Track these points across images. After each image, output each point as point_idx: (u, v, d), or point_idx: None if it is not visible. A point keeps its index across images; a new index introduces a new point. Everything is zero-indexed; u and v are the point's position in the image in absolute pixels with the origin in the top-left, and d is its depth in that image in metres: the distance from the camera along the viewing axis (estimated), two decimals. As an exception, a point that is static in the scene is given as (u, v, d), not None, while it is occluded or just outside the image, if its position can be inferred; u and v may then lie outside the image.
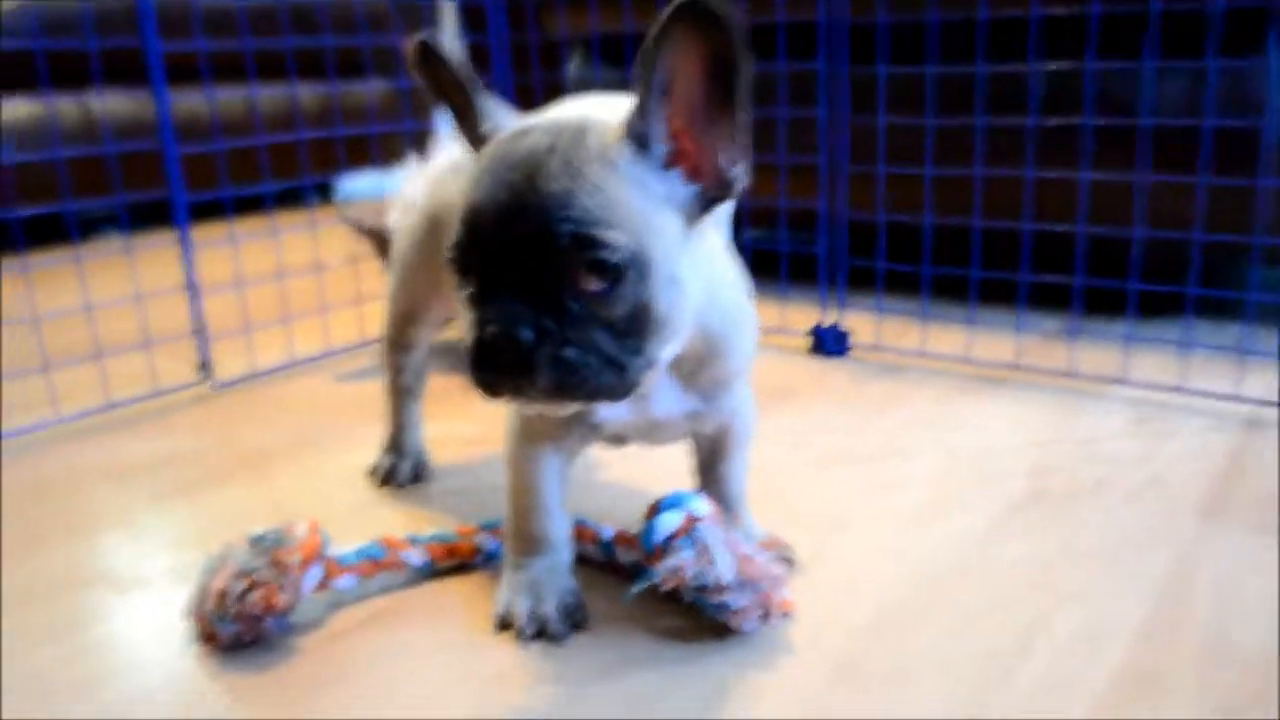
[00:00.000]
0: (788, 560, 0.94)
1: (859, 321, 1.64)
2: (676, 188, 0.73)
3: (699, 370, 0.83)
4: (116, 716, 0.79)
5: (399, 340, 1.18)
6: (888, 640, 0.84)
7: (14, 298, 1.44)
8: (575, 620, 0.88)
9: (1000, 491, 1.11)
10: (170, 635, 0.89)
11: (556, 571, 0.90)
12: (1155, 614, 0.87)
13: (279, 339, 1.68)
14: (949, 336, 1.60)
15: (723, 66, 0.69)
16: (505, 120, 0.79)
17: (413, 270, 1.14)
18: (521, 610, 0.87)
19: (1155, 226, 1.38)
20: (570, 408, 0.76)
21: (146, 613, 0.94)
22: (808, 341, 1.65)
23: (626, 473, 1.19)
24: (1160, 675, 0.79)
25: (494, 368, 0.70)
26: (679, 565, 0.83)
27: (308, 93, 2.61)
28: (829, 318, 1.63)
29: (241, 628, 0.85)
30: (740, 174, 0.74)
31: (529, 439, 0.89)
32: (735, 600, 0.83)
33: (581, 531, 0.97)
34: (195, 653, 0.87)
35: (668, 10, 0.67)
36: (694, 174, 0.74)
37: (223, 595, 0.85)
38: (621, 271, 0.69)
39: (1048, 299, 1.59)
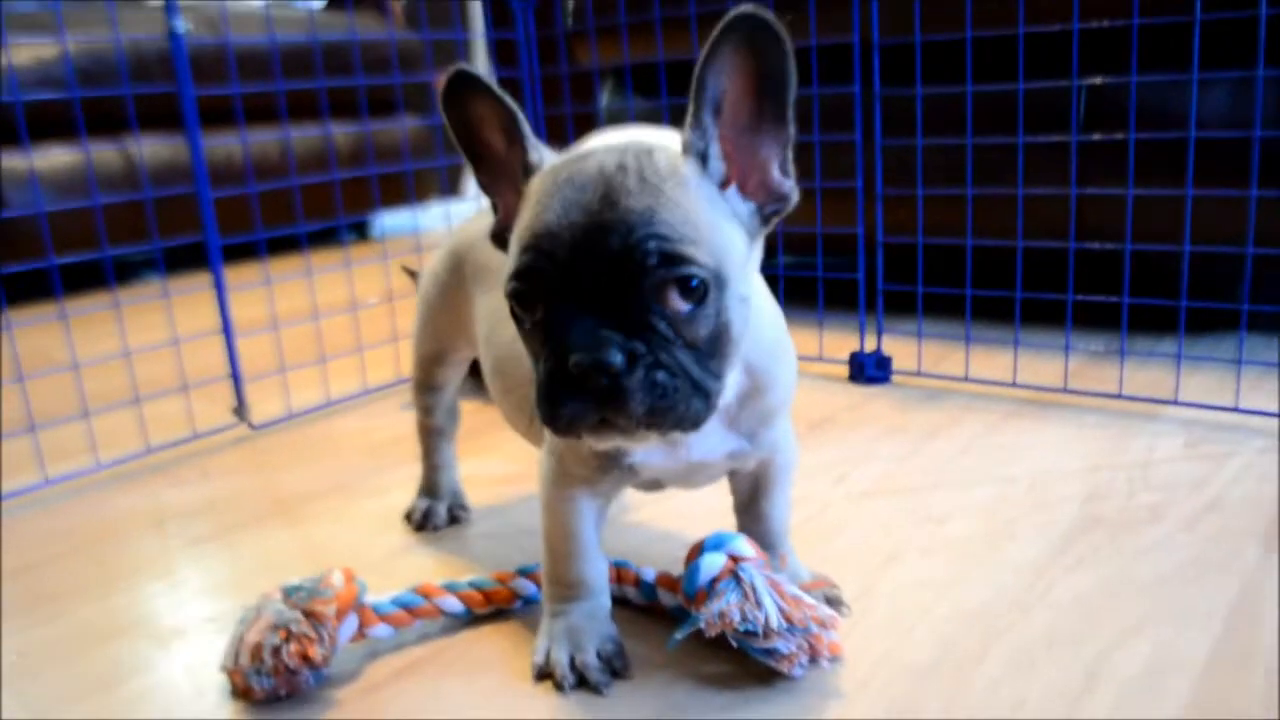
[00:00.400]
0: (835, 600, 0.91)
1: (898, 347, 1.61)
2: (737, 204, 0.73)
3: (742, 407, 0.81)
4: (151, 776, 0.77)
5: (426, 382, 1.17)
6: (944, 682, 0.81)
7: (54, 344, 1.44)
8: (616, 668, 0.85)
9: (1054, 521, 1.08)
10: (208, 689, 0.88)
11: (596, 618, 0.88)
12: (1221, 646, 0.83)
13: (315, 379, 1.68)
14: (993, 360, 1.57)
15: (772, 80, 0.70)
16: (548, 153, 0.77)
17: (436, 311, 1.12)
18: (561, 659, 0.84)
19: (1204, 242, 1.34)
20: (645, 440, 0.73)
21: (184, 664, 0.92)
22: (846, 369, 1.62)
23: (666, 512, 1.17)
24: (1230, 710, 0.75)
25: (582, 398, 0.67)
26: (724, 610, 0.80)
27: (341, 132, 2.63)
28: (868, 344, 1.60)
29: (277, 681, 0.83)
30: (792, 188, 0.74)
31: (564, 483, 0.86)
32: (783, 645, 0.80)
33: (622, 574, 0.94)
34: (232, 707, 0.85)
35: (719, 26, 0.67)
36: (748, 190, 0.74)
37: (258, 649, 0.83)
38: (706, 289, 0.68)
39: (1093, 318, 1.55)
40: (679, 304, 0.68)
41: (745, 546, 0.85)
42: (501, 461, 1.36)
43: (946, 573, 0.98)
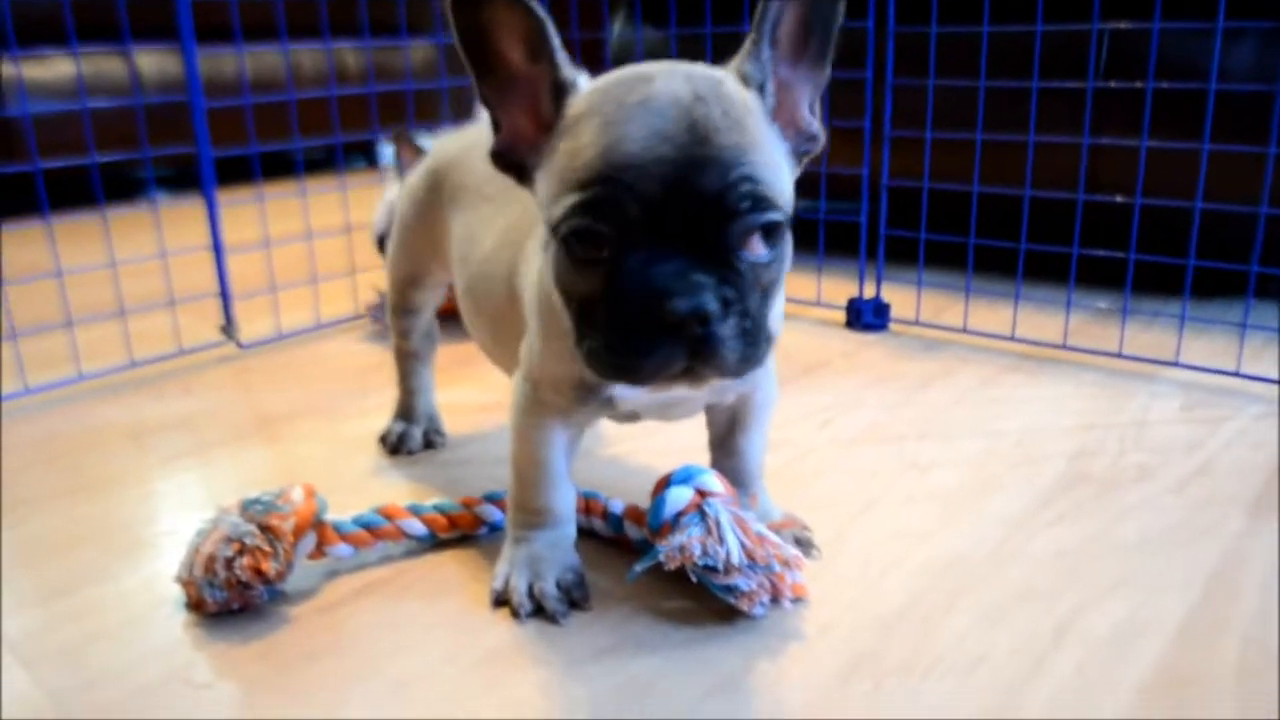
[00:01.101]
0: (805, 542, 0.89)
1: (898, 296, 1.58)
2: (781, 141, 0.70)
3: None
4: (96, 684, 0.76)
5: (402, 305, 1.14)
6: (909, 631, 0.79)
7: (41, 256, 1.42)
8: (574, 599, 0.83)
9: (1039, 476, 1.05)
10: (164, 600, 0.86)
11: (559, 547, 0.86)
12: (1197, 612, 0.81)
13: (306, 301, 1.66)
14: (993, 313, 1.53)
15: (822, 17, 0.68)
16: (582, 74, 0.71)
17: (413, 232, 1.09)
18: (520, 586, 0.83)
19: (1218, 200, 1.30)
20: (712, 385, 0.71)
21: (144, 576, 0.91)
22: (844, 316, 1.59)
23: (642, 447, 1.15)
24: (1198, 678, 0.73)
25: (671, 345, 0.62)
26: (685, 543, 0.78)
27: (345, 54, 2.58)
28: (867, 290, 1.57)
29: (230, 594, 0.82)
30: (820, 128, 0.72)
31: (537, 411, 0.83)
32: (744, 582, 0.78)
33: (591, 505, 0.92)
34: (185, 620, 0.84)
35: None
36: (785, 128, 0.70)
37: (211, 560, 0.82)
38: (783, 233, 0.66)
39: (1099, 276, 1.51)
40: (760, 249, 0.65)
41: (714, 482, 0.83)
42: (479, 390, 1.34)
43: (924, 523, 0.96)
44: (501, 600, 0.84)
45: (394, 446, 1.15)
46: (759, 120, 0.67)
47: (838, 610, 0.82)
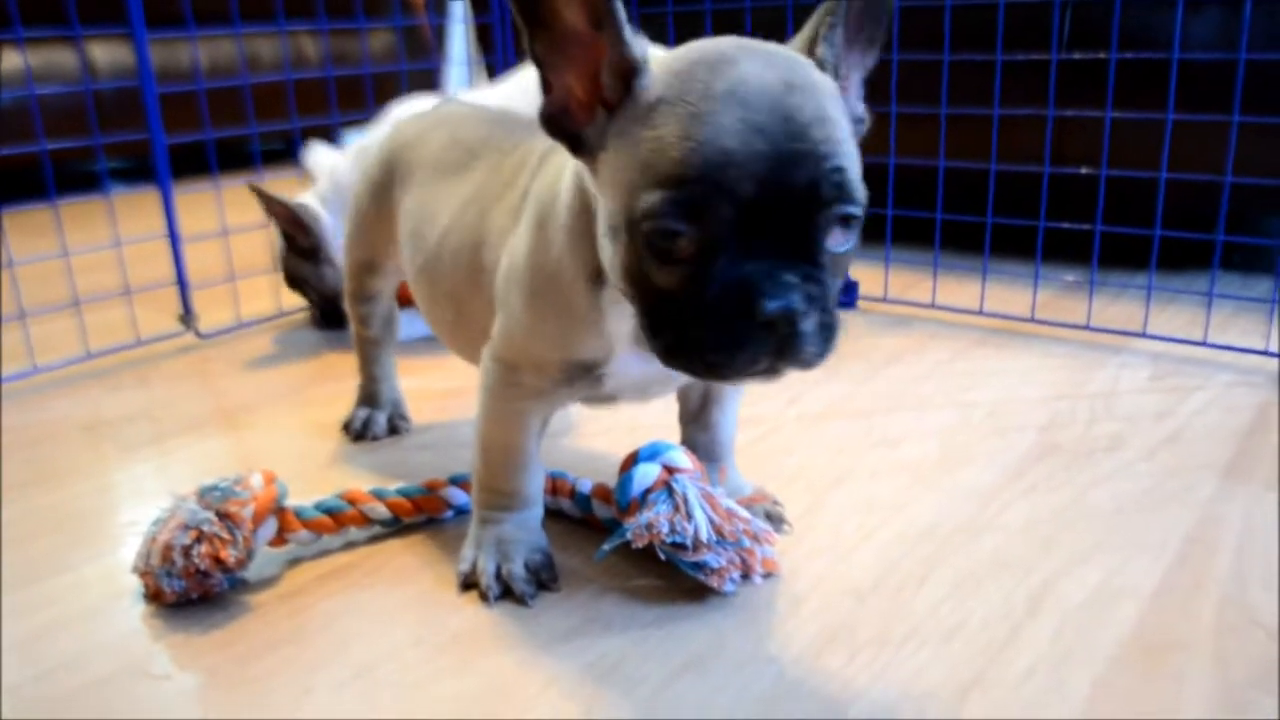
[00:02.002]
0: (776, 517, 0.87)
1: (865, 274, 1.57)
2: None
3: None
4: (50, 677, 0.74)
5: (360, 292, 1.12)
6: (883, 603, 0.78)
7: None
8: (543, 580, 0.81)
9: (1011, 447, 1.05)
10: (123, 592, 0.84)
11: (526, 528, 0.84)
12: (1171, 577, 0.81)
13: (266, 289, 1.63)
14: (961, 289, 1.53)
15: (874, 14, 0.67)
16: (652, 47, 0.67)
17: (368, 216, 1.06)
18: (488, 568, 0.81)
19: (1183, 170, 1.30)
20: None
21: (102, 568, 0.89)
22: (814, 293, 1.58)
23: (607, 425, 1.13)
24: (1175, 642, 0.73)
25: (759, 343, 0.61)
26: (652, 520, 0.76)
27: (303, 39, 2.54)
28: (836, 268, 1.56)
29: (188, 584, 0.80)
30: (865, 111, 0.70)
31: (512, 394, 0.81)
32: (713, 559, 0.77)
33: (558, 485, 0.91)
34: (144, 611, 0.81)
35: None
36: None
37: (168, 549, 0.79)
38: (857, 228, 0.63)
39: (1066, 250, 1.51)
40: (840, 240, 0.62)
41: (681, 458, 0.82)
42: (444, 376, 1.32)
43: (895, 495, 0.95)
44: (469, 583, 0.82)
45: (358, 433, 1.13)
46: (840, 107, 0.64)
47: (810, 584, 0.81)
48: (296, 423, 1.20)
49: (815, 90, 0.62)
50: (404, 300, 1.20)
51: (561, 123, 0.66)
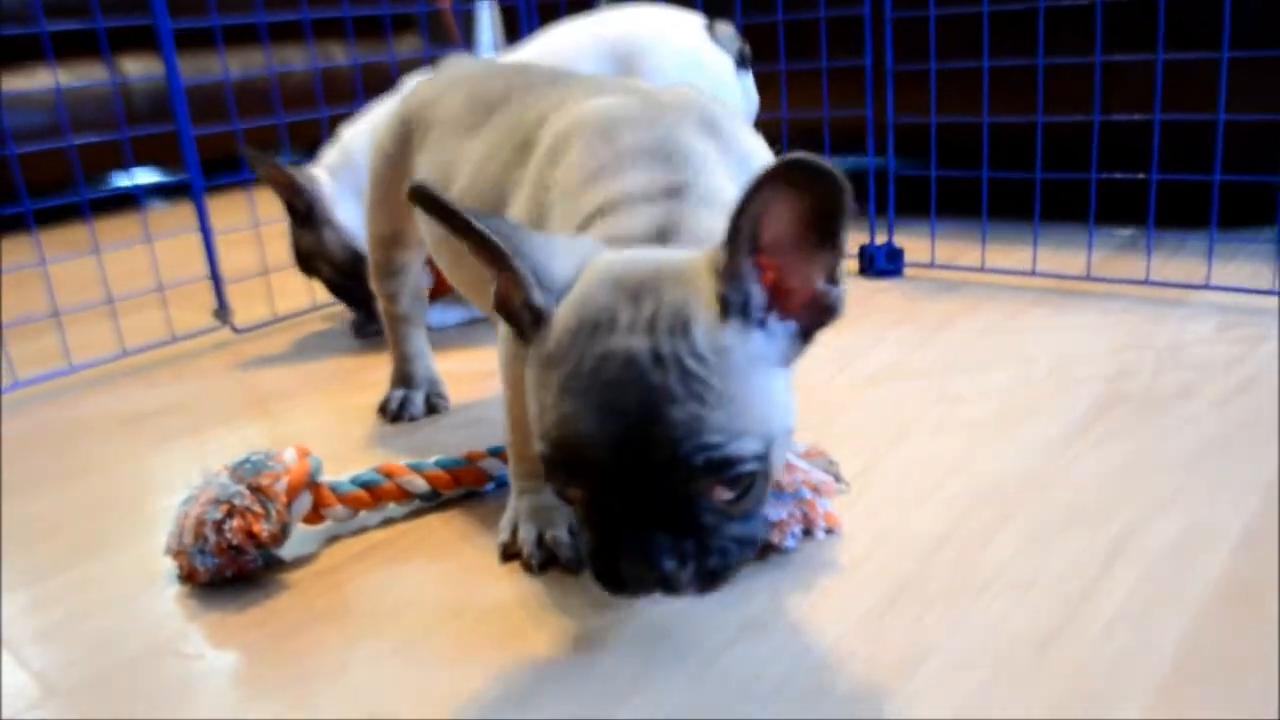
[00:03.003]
0: (832, 473, 0.83)
1: (910, 243, 1.51)
2: (778, 336, 0.61)
3: None
4: (83, 660, 0.71)
5: (386, 266, 1.09)
6: (953, 557, 0.73)
7: (25, 252, 1.38)
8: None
9: (1077, 400, 0.99)
10: (156, 575, 0.81)
11: None
12: (1258, 522, 0.75)
13: (300, 284, 1.60)
14: (1010, 253, 1.47)
15: (826, 217, 0.58)
16: (555, 256, 0.63)
17: (389, 186, 1.02)
18: (529, 536, 0.77)
19: (1241, 112, 1.23)
20: None
21: (135, 553, 0.86)
22: (855, 264, 1.53)
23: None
24: (1263, 586, 0.67)
25: (635, 591, 0.61)
26: None
27: (337, 55, 2.52)
28: (878, 236, 1.51)
29: (221, 561, 0.77)
30: (839, 297, 0.62)
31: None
32: (774, 512, 0.72)
33: None
34: (177, 593, 0.78)
35: (764, 173, 0.55)
36: (790, 310, 0.61)
37: (200, 525, 0.76)
38: (755, 477, 0.60)
39: (1118, 208, 1.45)
40: (726, 495, 0.59)
41: None
42: (482, 359, 1.29)
43: (959, 450, 0.90)
44: (510, 554, 0.78)
45: (395, 414, 1.10)
46: (731, 364, 0.58)
47: (872, 541, 0.76)
48: (333, 409, 1.17)
49: (690, 358, 0.57)
50: (436, 292, 1.17)
51: (506, 310, 0.65)
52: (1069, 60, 1.33)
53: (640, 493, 0.58)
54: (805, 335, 0.63)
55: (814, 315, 0.62)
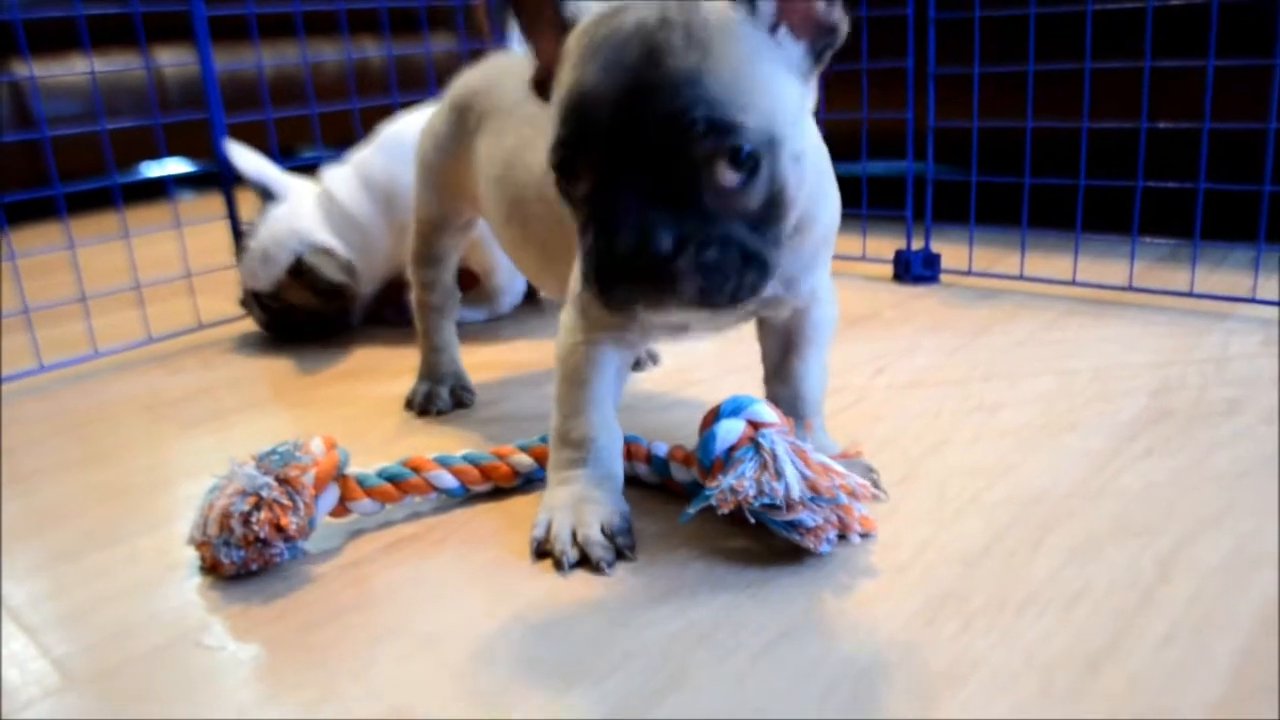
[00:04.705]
0: (870, 479, 0.81)
1: (947, 249, 1.49)
2: (789, 48, 0.65)
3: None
4: (101, 648, 0.69)
5: (426, 252, 1.09)
6: (996, 568, 0.71)
7: (55, 237, 1.37)
8: (619, 547, 0.75)
9: (1120, 412, 0.97)
10: (178, 564, 0.80)
11: (604, 488, 0.78)
12: (1316, 542, 0.73)
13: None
14: (1049, 262, 1.45)
15: None
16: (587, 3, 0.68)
17: (437, 171, 1.04)
18: (562, 533, 0.75)
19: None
20: (701, 313, 0.69)
21: (155, 540, 0.85)
22: (891, 270, 1.50)
23: (690, 394, 1.07)
24: (1331, 609, 0.65)
25: (630, 281, 0.61)
26: (737, 484, 0.71)
27: (369, 49, 2.51)
28: (915, 241, 1.49)
29: (248, 553, 0.75)
30: (841, 17, 0.66)
31: (587, 330, 0.79)
32: (809, 517, 0.70)
33: (633, 450, 0.85)
34: (198, 583, 0.77)
35: None
36: (795, 28, 0.66)
37: (226, 516, 0.75)
38: (758, 160, 0.61)
39: (1161, 220, 1.42)
40: (729, 176, 0.60)
41: (767, 411, 0.76)
42: (510, 350, 1.27)
43: (999, 459, 0.88)
44: (543, 551, 0.76)
45: (421, 407, 1.09)
46: (736, 37, 0.62)
47: (913, 549, 0.74)
48: (360, 399, 1.15)
49: (696, 24, 0.61)
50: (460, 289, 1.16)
51: (543, 86, 0.70)
52: (1116, 65, 1.30)
53: (643, 160, 0.60)
54: (816, 56, 0.67)
55: (818, 33, 0.66)
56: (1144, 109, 1.28)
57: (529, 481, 0.87)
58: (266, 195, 1.38)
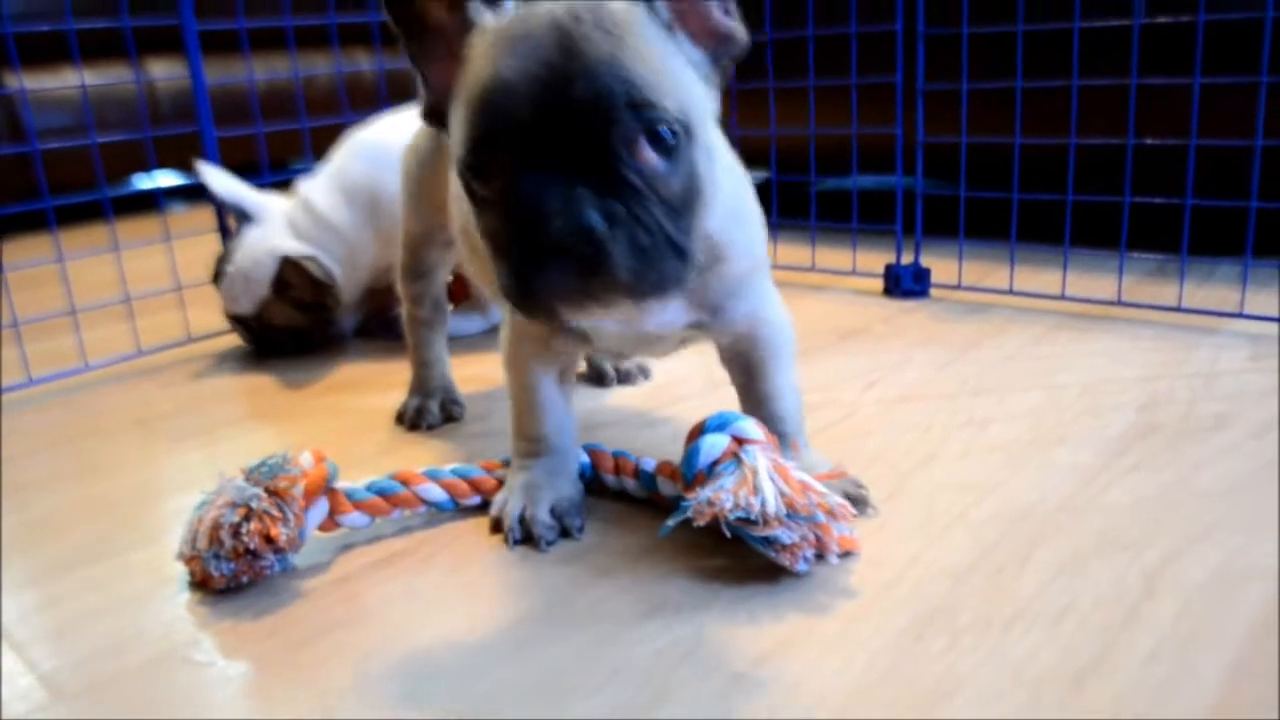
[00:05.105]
0: (860, 500, 0.81)
1: (937, 264, 1.50)
2: (689, 51, 0.67)
3: (699, 278, 0.71)
4: (89, 663, 0.69)
5: (414, 266, 1.11)
6: (983, 584, 0.71)
7: (45, 249, 1.37)
8: (566, 526, 0.80)
9: (1108, 427, 0.97)
10: (169, 578, 0.80)
11: (557, 474, 0.84)
12: (1301, 556, 0.73)
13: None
14: (1038, 277, 1.45)
15: None
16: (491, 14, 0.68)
17: (420, 184, 1.06)
18: (512, 512, 0.81)
19: (1278, 137, 1.21)
20: (622, 311, 0.69)
21: (145, 554, 0.84)
22: (881, 284, 1.51)
23: (676, 410, 1.07)
24: (1317, 624, 0.65)
25: (560, 268, 0.60)
26: (714, 496, 0.71)
27: (361, 62, 2.52)
28: (905, 256, 1.49)
29: (238, 566, 0.75)
30: (737, 27, 0.68)
31: (522, 343, 0.83)
32: (785, 534, 0.71)
33: (621, 465, 0.86)
34: (188, 599, 0.77)
35: None
36: (696, 35, 0.68)
37: (216, 530, 0.75)
38: (679, 139, 0.62)
39: (1149, 234, 1.43)
40: (651, 157, 0.61)
41: (752, 428, 0.76)
42: (500, 365, 1.27)
43: (988, 475, 0.88)
44: (496, 527, 0.82)
45: (412, 422, 1.09)
46: (644, 31, 0.64)
47: (900, 566, 0.74)
48: (350, 414, 1.15)
49: (606, 18, 0.62)
50: (455, 299, 1.17)
51: (436, 113, 0.70)
52: (1103, 82, 1.31)
53: (563, 146, 0.60)
54: (716, 64, 0.68)
55: (717, 42, 0.67)
56: (1131, 125, 1.29)
57: (516, 495, 0.88)
58: (241, 217, 1.37)
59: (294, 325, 1.35)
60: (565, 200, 0.59)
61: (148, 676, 0.67)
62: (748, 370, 0.84)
